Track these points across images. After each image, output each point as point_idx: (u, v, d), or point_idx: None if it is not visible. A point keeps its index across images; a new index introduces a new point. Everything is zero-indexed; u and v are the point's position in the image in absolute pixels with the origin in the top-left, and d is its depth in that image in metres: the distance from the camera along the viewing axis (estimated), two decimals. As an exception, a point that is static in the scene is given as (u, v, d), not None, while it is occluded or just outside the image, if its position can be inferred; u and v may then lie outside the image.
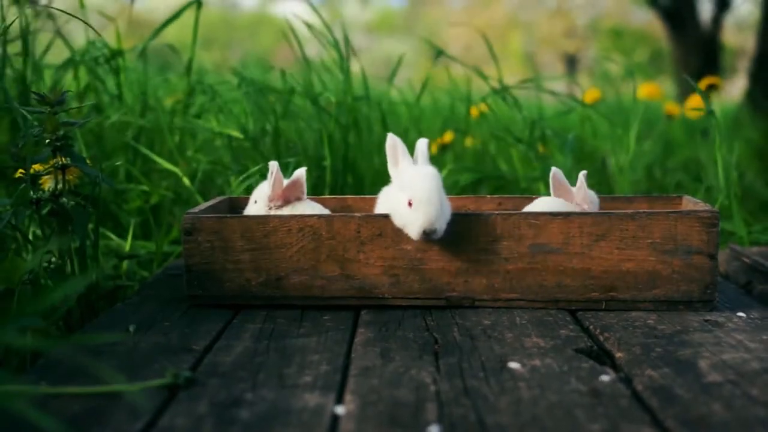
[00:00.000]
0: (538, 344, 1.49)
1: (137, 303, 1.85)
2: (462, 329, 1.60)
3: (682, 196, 2.05)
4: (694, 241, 1.70)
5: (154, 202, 2.66)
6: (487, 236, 1.73)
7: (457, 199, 2.17)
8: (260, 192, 1.99)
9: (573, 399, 1.22)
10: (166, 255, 2.51)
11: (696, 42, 8.91)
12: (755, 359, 1.39)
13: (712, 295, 1.72)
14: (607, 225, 1.71)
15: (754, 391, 1.24)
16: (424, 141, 1.88)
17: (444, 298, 1.76)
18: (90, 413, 1.17)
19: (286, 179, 1.94)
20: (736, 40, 15.33)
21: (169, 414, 1.17)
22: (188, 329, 1.62)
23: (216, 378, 1.32)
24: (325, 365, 1.38)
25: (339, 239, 1.75)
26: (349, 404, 1.21)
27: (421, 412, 1.17)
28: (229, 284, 1.78)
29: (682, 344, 1.48)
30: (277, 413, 1.17)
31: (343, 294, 1.77)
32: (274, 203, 1.94)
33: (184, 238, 1.78)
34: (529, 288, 1.74)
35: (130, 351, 1.48)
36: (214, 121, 2.98)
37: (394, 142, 1.85)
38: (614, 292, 1.73)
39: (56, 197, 1.80)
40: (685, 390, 1.25)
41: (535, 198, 2.04)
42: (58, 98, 1.79)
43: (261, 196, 1.97)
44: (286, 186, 1.93)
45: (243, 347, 1.49)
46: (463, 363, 1.38)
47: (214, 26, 18.49)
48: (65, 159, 1.81)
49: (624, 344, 1.49)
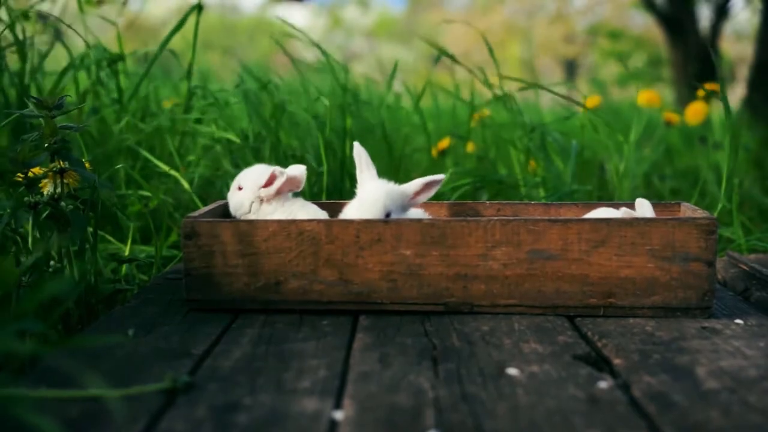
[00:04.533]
0: (537, 350, 1.49)
1: (136, 307, 1.85)
2: (460, 335, 1.60)
3: (681, 203, 2.05)
4: (692, 248, 1.70)
5: (154, 206, 2.66)
6: (486, 242, 1.73)
7: (456, 204, 2.18)
8: (247, 179, 1.98)
9: (571, 405, 1.22)
10: (165, 259, 2.51)
11: (694, 49, 8.92)
12: (753, 366, 1.39)
13: (710, 302, 1.72)
14: (605, 231, 1.71)
15: (751, 398, 1.24)
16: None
17: (442, 304, 1.76)
18: (89, 417, 1.17)
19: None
20: (734, 48, 15.35)
21: (167, 418, 1.17)
22: (187, 333, 1.63)
23: (214, 382, 1.32)
24: (323, 370, 1.39)
25: (338, 244, 1.75)
26: (348, 409, 1.21)
27: (420, 418, 1.17)
28: (228, 288, 1.79)
29: (679, 351, 1.48)
30: (275, 418, 1.17)
31: (342, 299, 1.77)
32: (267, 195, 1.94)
33: (183, 242, 1.78)
34: (528, 294, 1.75)
35: (129, 355, 1.48)
36: (214, 126, 2.99)
37: (359, 151, 1.95)
38: (612, 299, 1.73)
39: (55, 201, 1.80)
40: (682, 397, 1.25)
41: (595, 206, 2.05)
42: (57, 102, 1.79)
43: (249, 185, 1.97)
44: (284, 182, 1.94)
45: (242, 352, 1.49)
46: (462, 369, 1.39)
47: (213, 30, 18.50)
48: (63, 163, 1.81)
49: (622, 351, 1.49)
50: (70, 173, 1.83)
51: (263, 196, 1.95)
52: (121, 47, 2.89)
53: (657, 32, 10.73)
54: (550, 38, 22.73)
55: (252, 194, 1.96)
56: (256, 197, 1.95)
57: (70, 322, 1.86)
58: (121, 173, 2.73)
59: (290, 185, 1.97)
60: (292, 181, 1.96)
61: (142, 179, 2.70)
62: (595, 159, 3.69)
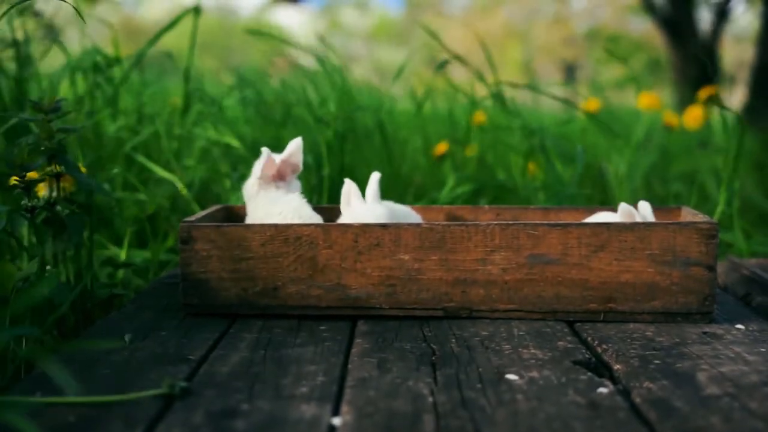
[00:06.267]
0: (536, 356, 1.49)
1: (133, 312, 1.84)
2: (459, 340, 1.59)
3: (681, 207, 2.04)
4: (692, 253, 1.69)
5: (151, 210, 2.65)
6: (485, 246, 1.72)
7: (455, 209, 2.17)
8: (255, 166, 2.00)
9: (571, 411, 1.21)
10: (162, 264, 2.50)
11: (695, 51, 8.92)
12: (754, 372, 1.38)
13: (710, 306, 1.71)
14: (605, 236, 1.70)
15: (752, 404, 1.23)
16: (376, 176, 1.96)
17: (441, 309, 1.75)
18: (85, 423, 1.16)
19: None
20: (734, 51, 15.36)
21: (164, 424, 1.16)
22: (184, 338, 1.62)
23: (212, 388, 1.31)
24: (321, 376, 1.38)
25: (336, 249, 1.74)
26: (346, 415, 1.20)
27: (418, 424, 1.16)
28: (226, 293, 1.78)
29: (680, 356, 1.47)
30: (273, 424, 1.16)
31: (340, 304, 1.76)
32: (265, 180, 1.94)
33: (180, 246, 1.77)
34: (527, 299, 1.74)
35: (126, 360, 1.47)
36: (212, 130, 2.98)
37: (349, 187, 1.94)
38: (612, 304, 1.72)
39: (51, 205, 1.79)
40: (683, 403, 1.24)
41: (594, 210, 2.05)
42: (53, 106, 1.78)
43: (254, 172, 1.98)
44: (280, 162, 1.94)
45: (239, 357, 1.48)
46: (461, 374, 1.38)
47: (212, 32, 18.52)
48: (59, 167, 1.80)
49: (622, 356, 1.48)
50: (67, 177, 1.82)
51: (262, 182, 1.95)
52: (116, 50, 2.89)
53: (657, 35, 10.74)
54: (550, 41, 22.75)
55: (255, 181, 1.96)
56: (258, 186, 1.96)
57: (65, 327, 1.85)
58: (118, 177, 2.72)
59: (288, 165, 1.97)
60: (286, 162, 1.96)
61: (138, 183, 2.69)
62: (595, 163, 3.69)
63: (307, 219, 1.87)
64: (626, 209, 1.83)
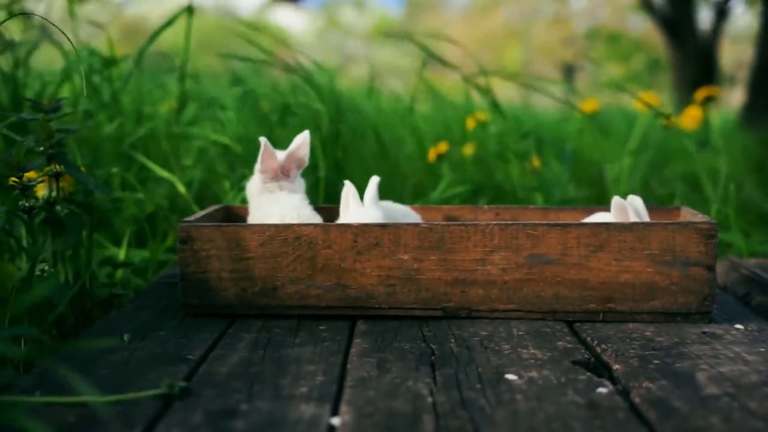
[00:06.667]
0: (536, 356, 1.48)
1: (132, 311, 1.83)
2: (459, 340, 1.59)
3: (681, 207, 2.04)
4: (692, 253, 1.69)
5: (150, 210, 2.65)
6: (485, 246, 1.72)
7: (454, 208, 2.17)
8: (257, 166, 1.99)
9: (570, 411, 1.21)
10: (161, 263, 2.50)
11: (694, 51, 8.93)
12: (753, 372, 1.38)
13: (710, 306, 1.71)
14: (605, 236, 1.70)
15: (752, 404, 1.23)
16: (375, 179, 1.95)
17: (441, 309, 1.75)
18: (84, 423, 1.16)
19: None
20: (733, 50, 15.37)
21: (163, 424, 1.16)
22: (183, 338, 1.61)
23: (211, 388, 1.31)
24: (320, 376, 1.37)
25: (335, 249, 1.74)
26: (345, 415, 1.20)
27: (418, 424, 1.16)
28: (225, 293, 1.77)
29: (679, 356, 1.47)
30: (272, 424, 1.16)
31: (339, 304, 1.76)
32: (266, 174, 1.93)
33: (179, 246, 1.77)
34: (527, 299, 1.74)
35: (125, 360, 1.47)
36: (210, 129, 2.98)
37: (347, 190, 1.94)
38: (612, 304, 1.72)
39: (50, 205, 1.79)
40: (683, 403, 1.24)
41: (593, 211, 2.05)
42: (53, 105, 1.78)
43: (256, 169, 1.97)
44: (287, 156, 1.93)
45: (238, 357, 1.48)
46: (460, 374, 1.38)
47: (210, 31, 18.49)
48: (59, 167, 1.80)
49: (621, 356, 1.48)
50: (66, 177, 1.82)
51: (265, 179, 1.94)
52: (112, 50, 2.88)
53: (656, 35, 10.74)
54: (549, 41, 22.75)
55: (258, 178, 1.96)
56: (263, 182, 1.95)
57: (65, 326, 1.85)
58: (117, 177, 2.71)
59: (293, 159, 1.96)
60: (292, 156, 1.96)
61: (137, 183, 2.69)
62: (594, 163, 3.69)
63: (307, 219, 1.87)
64: (618, 203, 1.83)
